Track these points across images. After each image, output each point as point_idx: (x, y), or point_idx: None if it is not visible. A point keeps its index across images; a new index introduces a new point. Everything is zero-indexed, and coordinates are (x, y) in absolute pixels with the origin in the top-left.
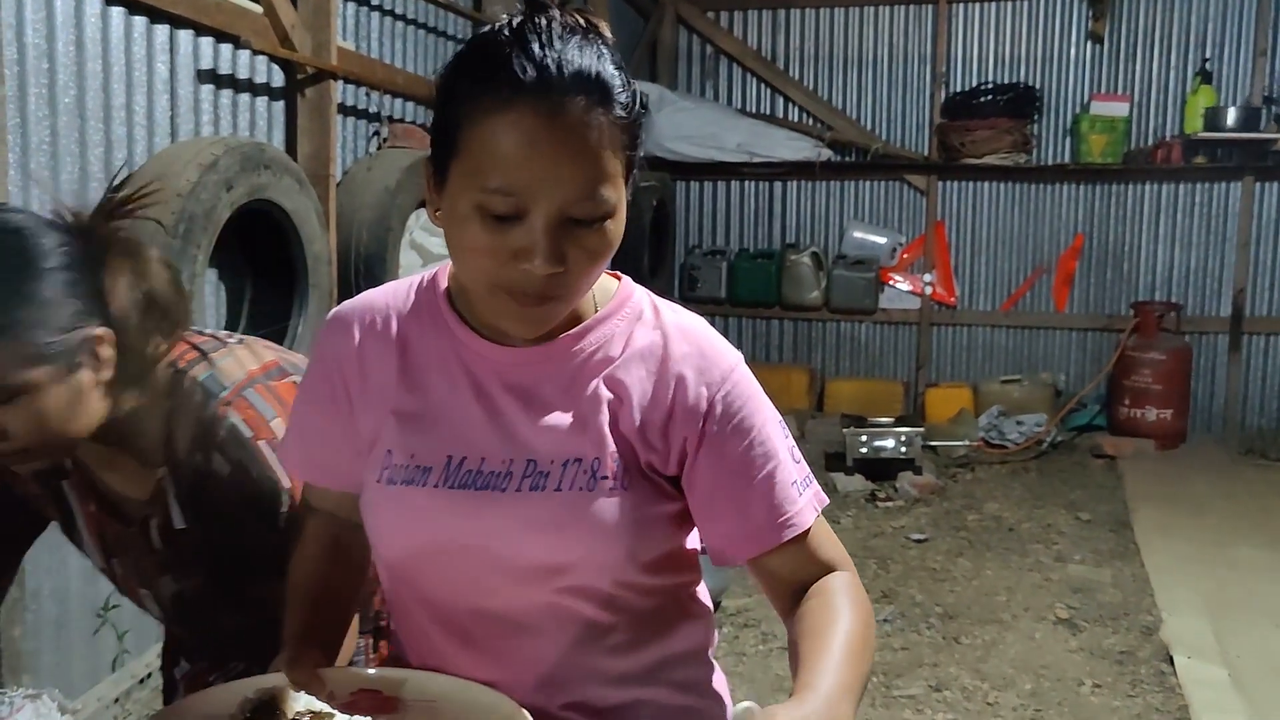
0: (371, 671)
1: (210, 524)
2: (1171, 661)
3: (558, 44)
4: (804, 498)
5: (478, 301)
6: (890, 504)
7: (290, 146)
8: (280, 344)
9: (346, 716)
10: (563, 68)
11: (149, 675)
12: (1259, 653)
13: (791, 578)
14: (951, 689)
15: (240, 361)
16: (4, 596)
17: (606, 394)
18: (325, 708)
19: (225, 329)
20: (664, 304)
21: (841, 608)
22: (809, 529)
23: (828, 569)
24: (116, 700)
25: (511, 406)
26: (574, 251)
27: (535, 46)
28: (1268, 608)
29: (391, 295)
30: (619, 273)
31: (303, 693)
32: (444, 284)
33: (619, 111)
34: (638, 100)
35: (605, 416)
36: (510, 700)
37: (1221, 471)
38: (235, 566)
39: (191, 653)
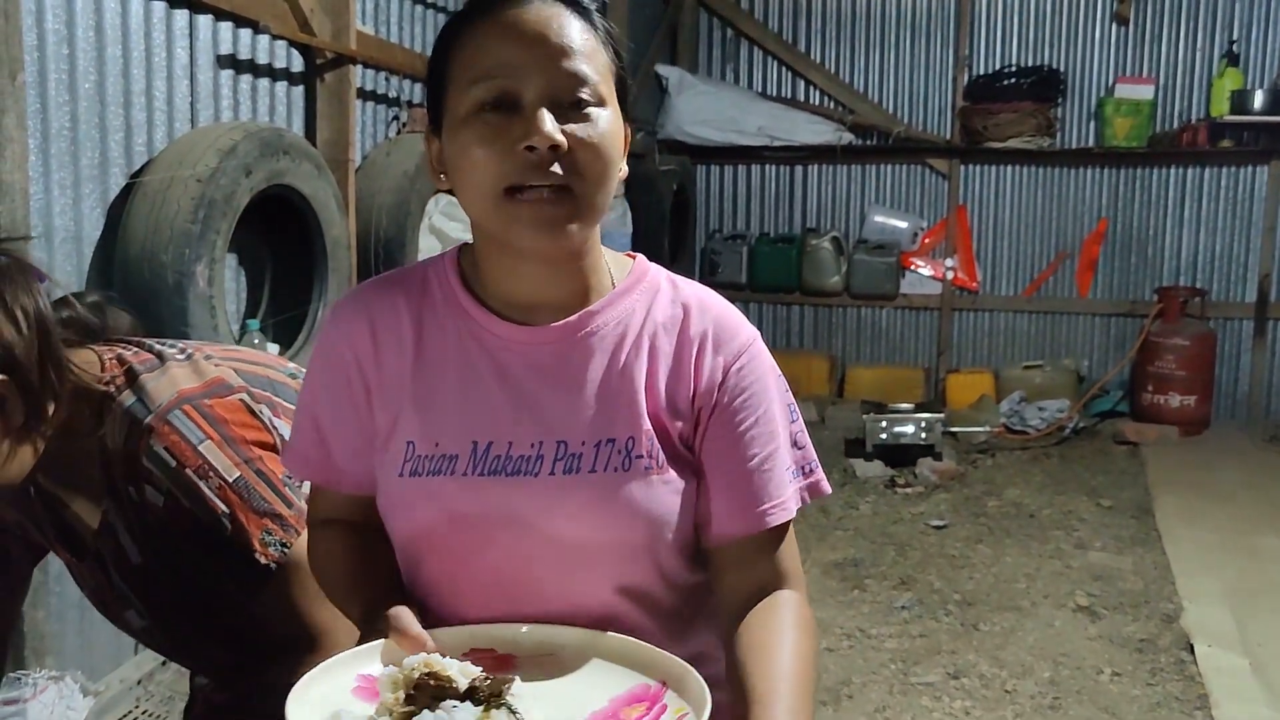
0: (480, 628)
1: (161, 557)
2: (1192, 650)
3: None
4: (790, 489)
5: (493, 237)
6: (910, 490)
7: (310, 132)
8: (300, 329)
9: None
10: None
11: None
12: (1279, 640)
13: (749, 576)
14: (969, 676)
15: (174, 381)
16: (15, 620)
17: (633, 370)
18: (459, 667)
19: (245, 315)
20: (680, 279)
21: (789, 629)
22: (787, 524)
23: (782, 580)
24: (139, 682)
25: (536, 387)
26: (572, 135)
27: None
28: None
29: (399, 282)
30: (634, 253)
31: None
32: (455, 267)
33: (596, 23)
34: (612, 32)
35: (635, 393)
36: (650, 648)
37: (1245, 459)
38: (198, 600)
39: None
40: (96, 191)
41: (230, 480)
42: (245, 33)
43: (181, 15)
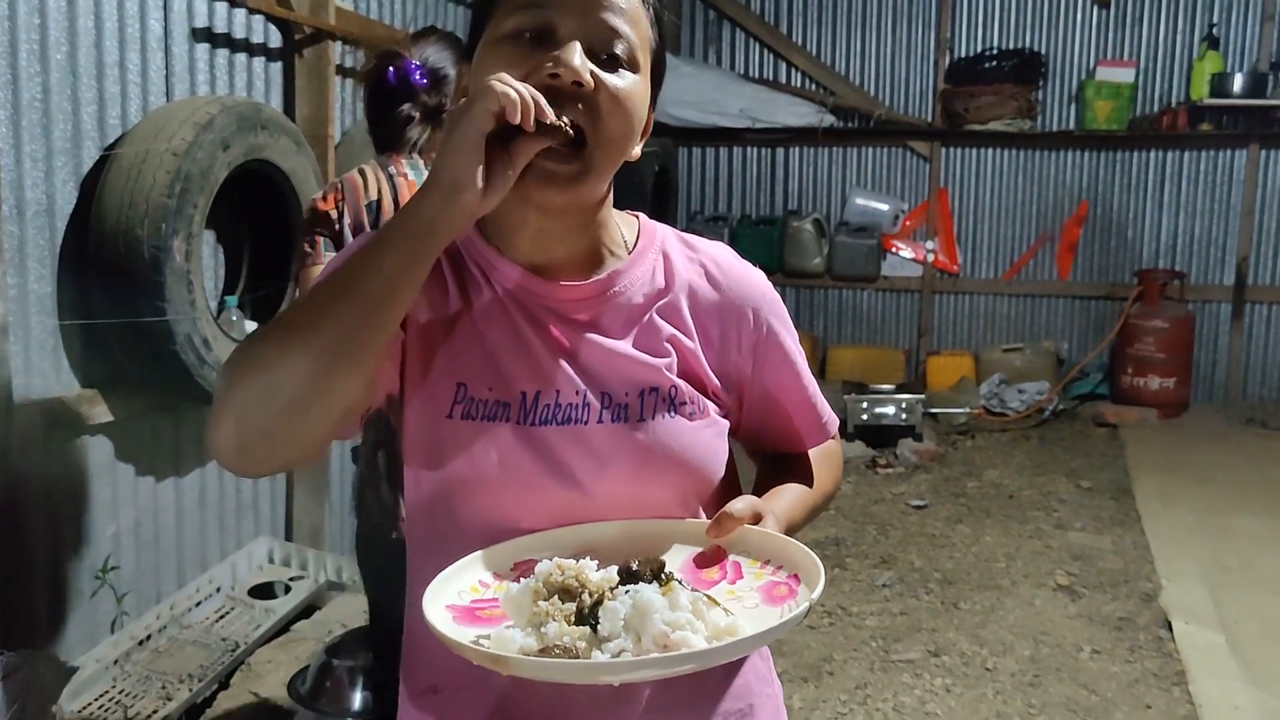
0: (534, 537)
1: None
2: (1170, 627)
3: None
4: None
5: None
6: (890, 470)
7: (288, 108)
8: (279, 306)
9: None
10: None
11: (148, 637)
12: (1256, 618)
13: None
14: (950, 654)
15: None
16: None
17: (664, 325)
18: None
19: (223, 291)
20: (688, 235)
21: (819, 455)
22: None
23: None
24: (116, 662)
25: (575, 341)
26: (599, 81)
27: None
28: (1265, 575)
29: None
30: (635, 212)
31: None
32: (476, 229)
33: None
34: (657, 10)
35: (668, 346)
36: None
37: (1222, 440)
38: None
39: None
40: (69, 165)
41: None
42: (221, 6)
43: None
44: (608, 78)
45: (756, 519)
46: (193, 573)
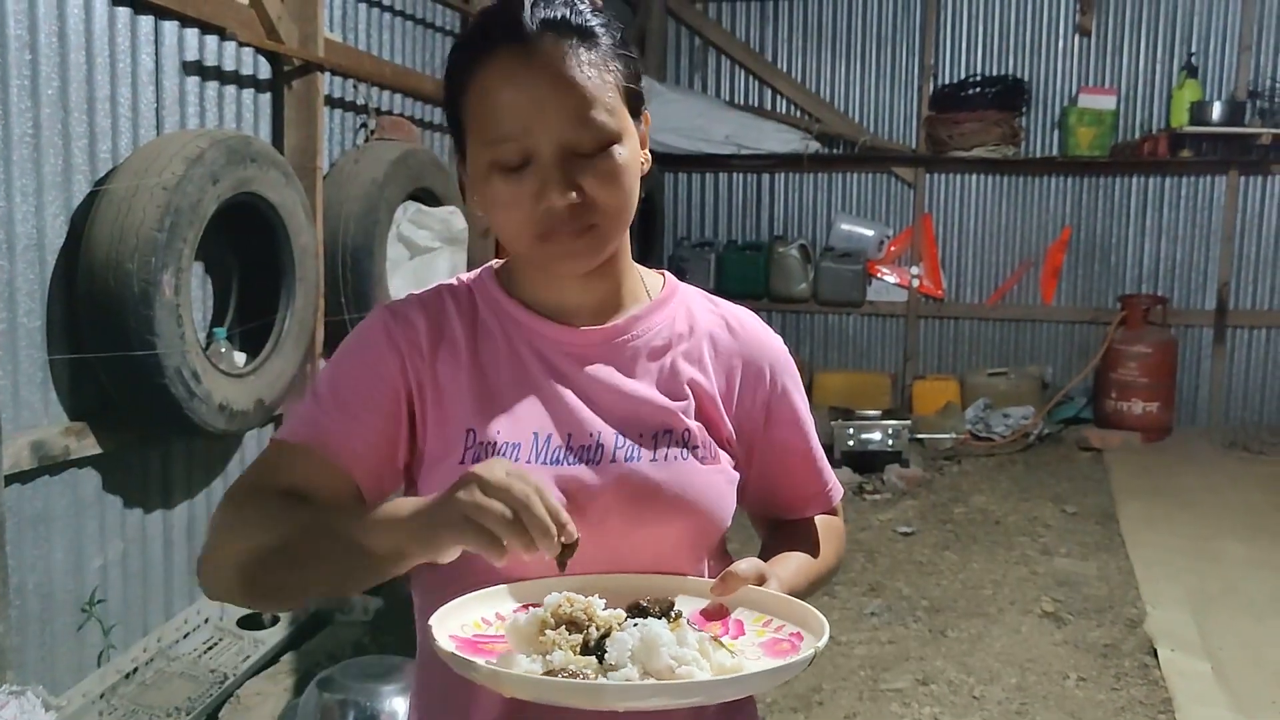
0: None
1: None
2: (1155, 654)
3: (541, 4)
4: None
5: (530, 265)
6: (877, 497)
7: (277, 139)
8: (268, 338)
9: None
10: (534, 13)
11: (135, 670)
12: (1241, 645)
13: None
14: (938, 682)
15: None
16: None
17: (684, 369)
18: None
19: (212, 324)
20: (712, 295)
21: (825, 526)
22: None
23: None
24: (102, 696)
25: (590, 384)
26: (589, 181)
27: (514, 6)
28: (1250, 601)
29: (445, 292)
30: (662, 269)
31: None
32: (494, 278)
33: (602, 42)
34: (620, 34)
35: (685, 392)
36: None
37: (1206, 465)
38: None
39: None
40: (60, 199)
41: None
42: (211, 39)
43: (146, 21)
44: (596, 174)
45: (760, 580)
46: (180, 604)
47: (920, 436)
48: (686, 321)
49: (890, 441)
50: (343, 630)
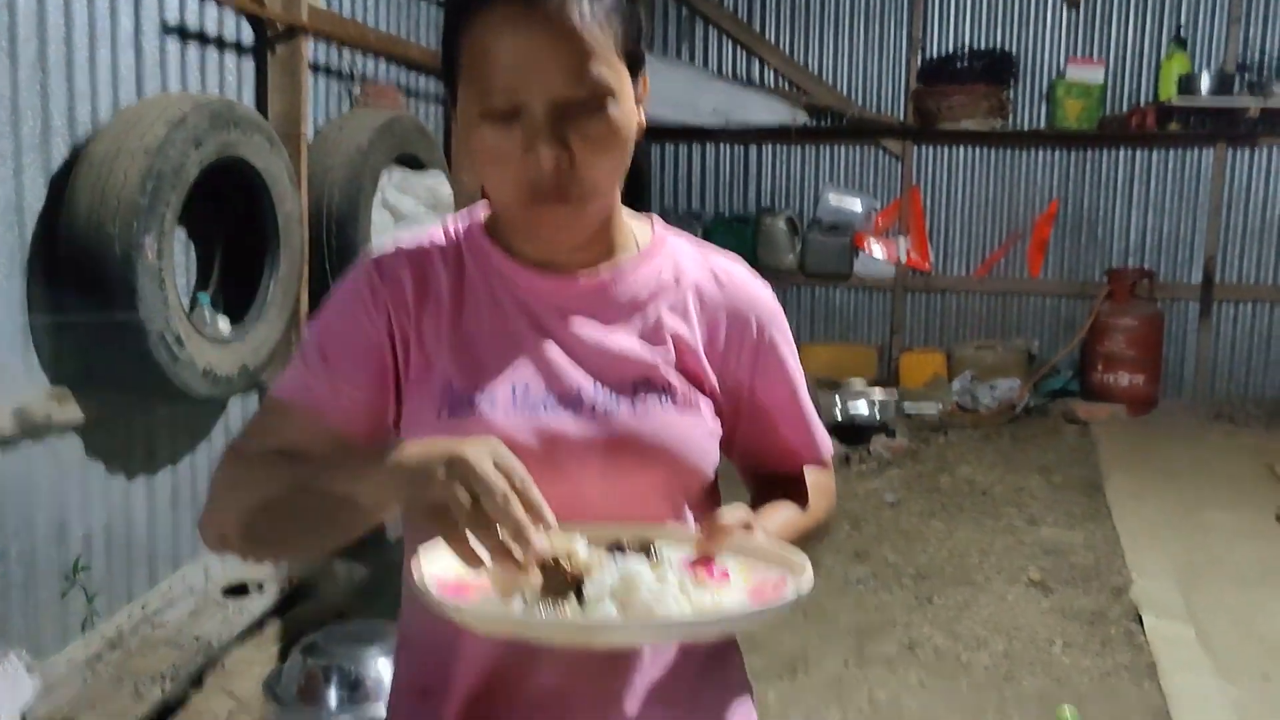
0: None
1: None
2: (1141, 621)
3: None
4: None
5: (514, 221)
6: (864, 467)
7: (261, 105)
8: (252, 304)
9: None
10: None
11: (120, 637)
12: (1225, 612)
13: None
14: (924, 649)
15: None
16: None
17: (667, 321)
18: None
19: (195, 289)
20: (701, 242)
21: (815, 483)
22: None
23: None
24: (86, 662)
25: (572, 335)
26: (578, 139)
27: None
28: (1234, 569)
29: (429, 240)
30: (649, 213)
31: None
32: (481, 227)
33: None
34: None
35: (669, 344)
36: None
37: (1192, 437)
38: None
39: None
40: (38, 161)
41: None
42: (193, 1)
43: None
44: (585, 132)
45: (746, 528)
46: (165, 572)
47: (907, 408)
48: (672, 273)
49: (877, 413)
50: (327, 597)
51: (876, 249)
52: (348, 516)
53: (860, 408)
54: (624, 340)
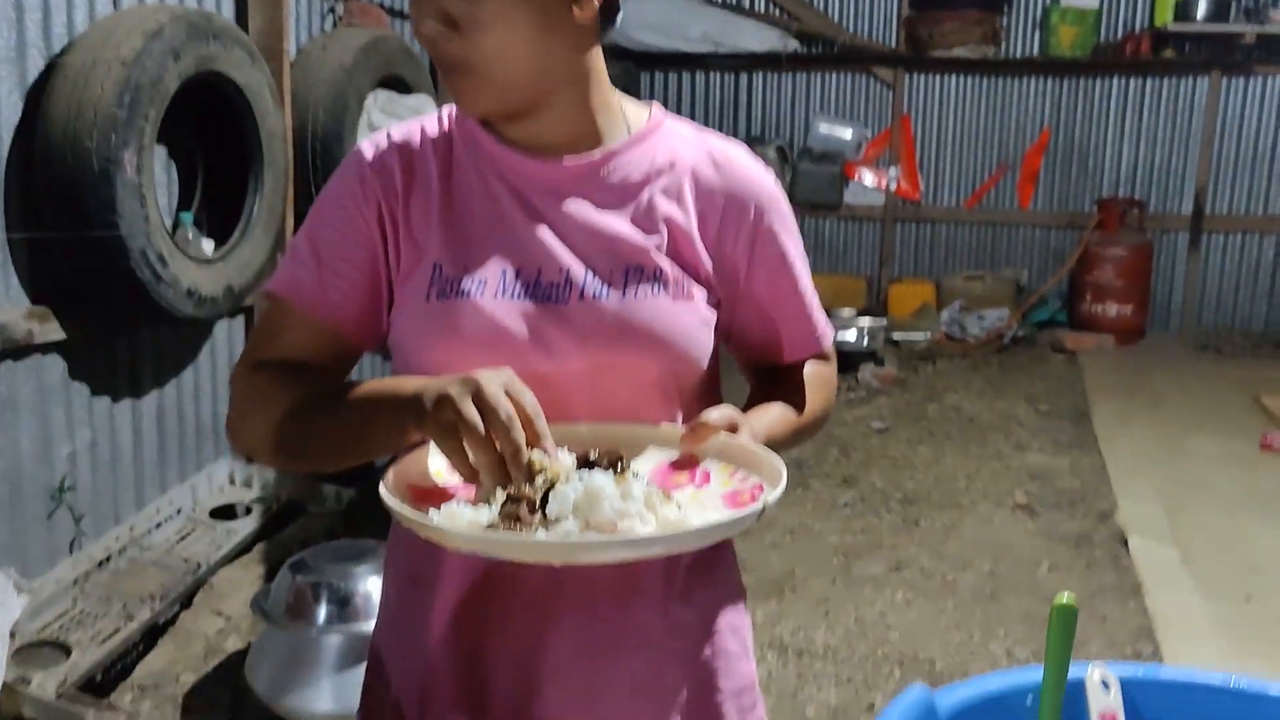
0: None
1: None
2: (1126, 544)
3: None
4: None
5: None
6: (852, 395)
7: (241, 20)
8: (236, 223)
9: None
10: None
11: (108, 558)
12: (1208, 534)
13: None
14: (911, 569)
15: None
16: None
17: (661, 205)
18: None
19: (178, 208)
20: (701, 126)
21: (814, 374)
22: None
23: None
24: (75, 582)
25: (563, 219)
26: (459, 8)
27: None
28: (1218, 494)
29: (421, 128)
30: (652, 100)
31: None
32: None
33: None
34: None
35: (661, 228)
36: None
37: (1178, 366)
38: None
39: None
40: (13, 74)
41: None
42: None
43: None
44: (471, 13)
45: (732, 428)
46: (152, 494)
47: (896, 337)
48: (668, 156)
49: (865, 341)
50: (315, 519)
51: (867, 178)
52: (371, 443)
53: (849, 336)
54: (616, 223)
